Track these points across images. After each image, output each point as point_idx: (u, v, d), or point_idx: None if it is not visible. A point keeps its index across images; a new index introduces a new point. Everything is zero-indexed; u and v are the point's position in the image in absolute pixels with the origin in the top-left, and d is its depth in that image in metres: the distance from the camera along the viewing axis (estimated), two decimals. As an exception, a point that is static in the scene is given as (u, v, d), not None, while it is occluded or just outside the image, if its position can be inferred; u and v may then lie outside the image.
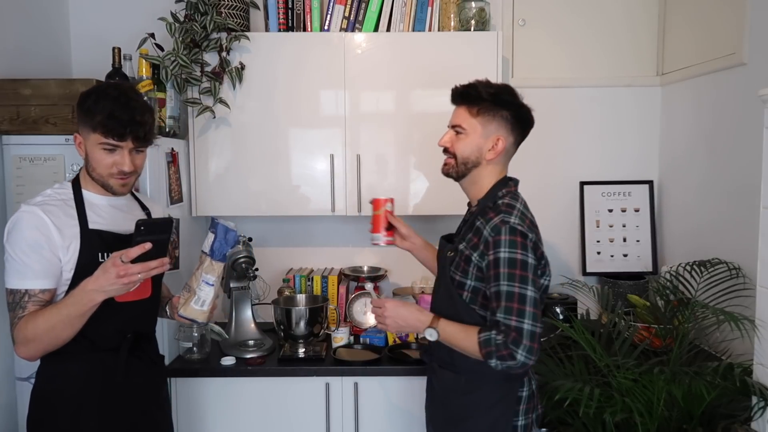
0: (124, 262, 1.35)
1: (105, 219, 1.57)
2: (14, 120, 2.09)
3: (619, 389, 1.74)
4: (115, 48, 2.22)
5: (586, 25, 2.67)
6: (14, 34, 2.23)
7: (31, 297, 1.45)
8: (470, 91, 1.60)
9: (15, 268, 1.46)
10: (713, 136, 2.28)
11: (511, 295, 1.46)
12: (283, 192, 2.42)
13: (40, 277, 1.46)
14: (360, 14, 2.41)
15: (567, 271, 2.70)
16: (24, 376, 2.14)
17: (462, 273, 1.57)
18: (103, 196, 1.59)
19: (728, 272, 2.06)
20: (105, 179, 1.54)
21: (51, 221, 1.47)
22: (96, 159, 1.51)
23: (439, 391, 1.68)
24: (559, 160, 2.72)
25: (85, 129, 1.51)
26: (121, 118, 1.46)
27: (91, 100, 1.48)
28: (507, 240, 1.48)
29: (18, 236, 1.46)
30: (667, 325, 2.07)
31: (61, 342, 1.46)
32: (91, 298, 1.39)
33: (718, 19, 2.24)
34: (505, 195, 1.61)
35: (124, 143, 1.49)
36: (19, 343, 1.46)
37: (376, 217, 1.81)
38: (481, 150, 1.60)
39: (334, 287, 2.54)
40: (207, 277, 1.55)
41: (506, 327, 1.45)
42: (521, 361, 1.43)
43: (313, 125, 2.39)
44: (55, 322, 1.42)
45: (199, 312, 1.58)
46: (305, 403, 2.17)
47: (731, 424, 1.67)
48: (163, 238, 1.40)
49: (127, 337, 1.59)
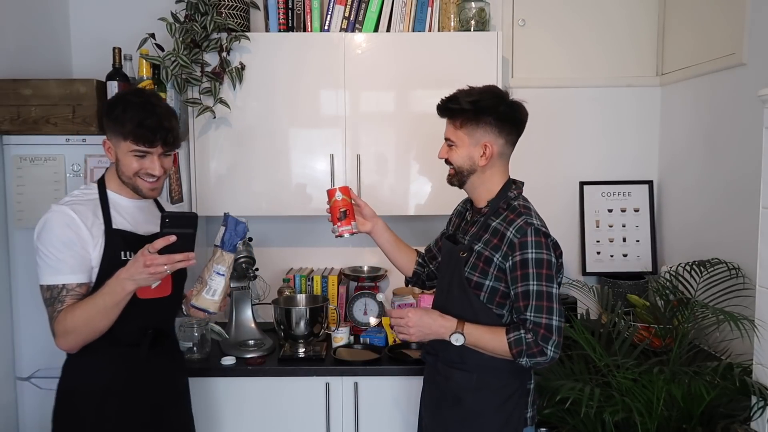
0: (150, 253, 1.42)
1: (128, 220, 1.63)
2: (15, 120, 2.09)
3: (619, 389, 1.74)
4: (115, 48, 2.22)
5: (586, 26, 2.67)
6: (15, 34, 2.23)
7: (69, 291, 1.52)
8: (450, 105, 1.63)
9: (49, 265, 1.52)
10: (713, 136, 2.28)
11: (541, 294, 1.52)
12: (283, 192, 2.42)
13: (76, 272, 1.53)
14: (360, 14, 2.41)
15: (567, 271, 2.70)
16: (24, 376, 2.15)
17: (480, 274, 1.60)
18: (129, 198, 1.65)
19: (728, 272, 2.06)
20: (135, 183, 1.60)
21: (80, 219, 1.54)
22: (126, 164, 1.58)
23: (451, 392, 1.67)
24: (559, 160, 2.72)
25: (114, 137, 1.57)
26: (150, 126, 1.53)
27: (118, 109, 1.55)
28: (533, 241, 1.53)
29: (50, 234, 1.52)
30: (667, 325, 2.08)
31: (98, 333, 1.52)
32: (123, 286, 1.45)
33: (717, 19, 2.24)
34: (517, 197, 1.66)
35: (154, 149, 1.56)
36: (59, 336, 1.53)
37: (330, 209, 1.79)
38: (473, 158, 1.63)
39: (334, 287, 2.54)
40: (218, 267, 1.61)
41: (535, 324, 1.51)
42: (551, 356, 1.51)
43: (313, 125, 2.39)
44: (92, 312, 1.48)
45: (211, 302, 1.62)
46: (305, 403, 2.17)
47: (731, 424, 1.67)
48: (187, 232, 1.46)
49: (148, 332, 1.65)
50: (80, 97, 2.11)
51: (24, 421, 2.16)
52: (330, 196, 1.77)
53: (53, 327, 1.53)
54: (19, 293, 2.12)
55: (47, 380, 2.14)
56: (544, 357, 1.50)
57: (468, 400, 1.63)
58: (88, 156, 2.09)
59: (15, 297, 2.13)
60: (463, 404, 1.64)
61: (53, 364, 2.13)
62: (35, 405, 2.15)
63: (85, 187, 1.66)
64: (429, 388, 1.79)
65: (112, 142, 1.59)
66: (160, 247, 1.41)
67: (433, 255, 1.90)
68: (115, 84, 2.18)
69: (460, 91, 1.65)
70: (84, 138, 2.10)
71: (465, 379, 1.64)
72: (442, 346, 1.66)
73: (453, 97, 1.64)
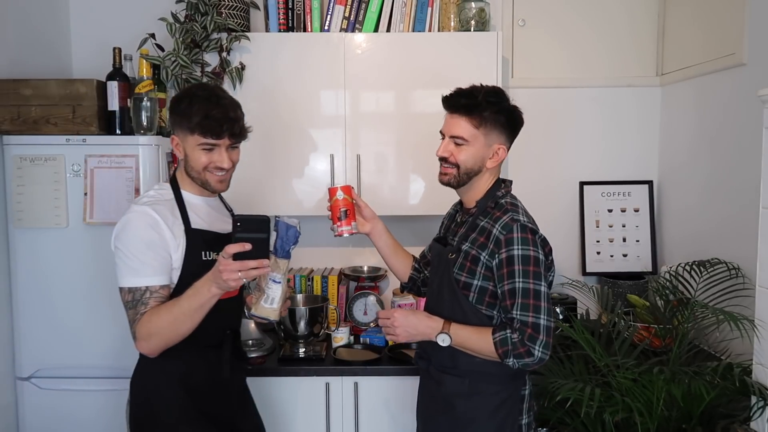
0: (225, 258, 1.37)
1: (203, 219, 1.63)
2: (15, 120, 2.10)
3: (619, 389, 1.74)
4: (115, 48, 2.22)
5: (586, 26, 2.67)
6: (15, 34, 2.23)
7: (152, 293, 1.50)
8: (471, 100, 1.56)
9: (131, 267, 1.50)
10: (713, 137, 2.28)
11: (527, 292, 1.48)
12: (283, 192, 2.42)
13: (158, 274, 1.51)
14: (360, 14, 2.41)
15: (567, 271, 2.70)
16: (24, 376, 2.15)
17: (468, 274, 1.57)
18: (200, 196, 1.65)
19: (728, 272, 2.06)
20: (203, 177, 1.59)
21: (162, 220, 1.53)
22: (195, 158, 1.57)
23: (443, 397, 1.64)
24: (559, 160, 2.72)
25: (182, 131, 1.57)
26: (216, 118, 1.52)
27: (184, 103, 1.54)
28: (519, 237, 1.50)
29: (132, 235, 1.50)
30: (667, 325, 2.08)
31: (180, 336, 1.49)
32: (208, 288, 1.42)
33: (718, 19, 2.24)
34: (505, 195, 1.63)
35: (221, 141, 1.55)
36: (140, 339, 1.50)
37: (330, 208, 1.76)
38: (484, 159, 1.60)
39: (334, 287, 2.54)
40: (273, 275, 1.55)
41: (522, 324, 1.47)
42: (539, 357, 1.46)
43: (313, 125, 2.39)
44: (176, 314, 1.46)
45: (270, 310, 1.56)
46: (305, 403, 2.17)
47: (730, 424, 1.67)
48: (260, 237, 1.40)
49: (227, 333, 1.65)
50: (80, 97, 2.11)
51: (24, 421, 2.16)
52: (331, 194, 1.74)
53: (135, 330, 1.50)
54: (19, 293, 2.12)
55: (47, 380, 2.14)
56: (532, 358, 1.46)
57: (460, 406, 1.60)
58: (88, 156, 2.09)
59: (15, 297, 2.13)
60: (455, 410, 1.60)
61: (53, 364, 2.15)
62: (35, 405, 2.15)
63: (158, 187, 1.64)
64: (422, 393, 1.76)
65: (179, 137, 1.58)
66: (232, 252, 1.36)
67: (428, 261, 1.85)
68: (115, 84, 2.18)
69: (477, 88, 1.59)
70: (84, 138, 2.10)
71: (457, 384, 1.60)
72: (434, 351, 1.63)
73: (472, 93, 1.57)
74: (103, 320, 2.11)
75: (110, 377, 2.12)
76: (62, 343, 2.13)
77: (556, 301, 2.51)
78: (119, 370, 2.11)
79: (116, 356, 2.11)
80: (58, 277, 2.11)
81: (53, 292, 2.11)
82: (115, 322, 2.10)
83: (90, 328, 2.11)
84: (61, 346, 2.13)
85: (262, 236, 1.41)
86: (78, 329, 2.12)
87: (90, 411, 2.14)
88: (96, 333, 2.12)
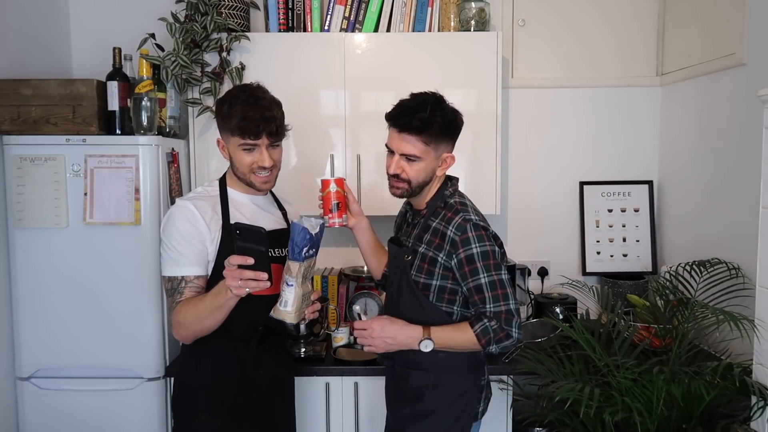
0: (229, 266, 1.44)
1: (246, 215, 1.69)
2: (15, 120, 2.09)
3: (619, 389, 1.74)
4: (115, 48, 2.22)
5: (586, 26, 2.67)
6: (15, 34, 2.23)
7: (188, 283, 1.59)
8: (423, 121, 1.57)
9: (171, 257, 1.60)
10: (713, 136, 2.28)
11: (494, 284, 1.58)
12: (283, 192, 2.40)
13: (194, 264, 1.60)
14: (360, 14, 2.41)
15: (567, 271, 2.70)
16: (24, 376, 2.15)
17: (426, 275, 1.63)
18: (246, 194, 1.73)
19: (728, 272, 2.06)
20: (248, 177, 1.66)
21: (200, 214, 1.61)
22: (238, 159, 1.65)
23: (409, 391, 1.71)
24: (559, 160, 2.72)
25: (225, 133, 1.65)
26: (253, 119, 1.59)
27: (225, 106, 1.62)
28: (474, 236, 1.57)
29: (172, 228, 1.60)
30: (667, 324, 2.08)
31: (206, 330, 1.58)
32: (226, 290, 1.47)
33: (718, 19, 2.24)
34: (452, 194, 1.69)
35: (260, 141, 1.62)
36: (174, 326, 1.61)
37: (323, 198, 1.78)
38: (434, 170, 1.67)
39: (334, 287, 2.54)
40: (286, 278, 1.55)
41: (497, 313, 1.58)
42: (515, 338, 1.58)
43: (313, 125, 2.39)
44: (200, 309, 1.54)
45: (285, 313, 1.55)
46: (305, 403, 2.17)
47: (730, 424, 1.67)
48: (258, 249, 1.41)
49: (258, 329, 1.70)
50: (80, 97, 2.11)
51: (24, 421, 2.16)
52: (324, 186, 1.77)
53: (171, 317, 1.60)
54: (19, 293, 2.12)
55: (47, 380, 2.14)
56: (511, 339, 1.57)
57: (426, 396, 1.68)
58: (88, 156, 2.08)
59: (15, 297, 2.13)
60: (422, 401, 1.68)
61: (53, 364, 2.14)
62: (35, 405, 2.15)
63: (208, 184, 1.73)
64: (388, 389, 1.83)
65: (224, 139, 1.67)
66: (236, 263, 1.41)
67: None
68: (115, 84, 2.18)
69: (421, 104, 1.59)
70: (84, 138, 2.10)
71: (423, 377, 1.68)
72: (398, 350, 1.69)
73: (418, 111, 1.58)
74: (104, 320, 2.11)
75: (110, 377, 2.12)
76: (62, 343, 2.13)
77: (556, 301, 2.51)
78: (120, 370, 2.12)
79: (116, 356, 2.11)
80: (58, 277, 2.11)
81: (53, 292, 2.11)
82: (116, 322, 2.11)
83: (90, 328, 2.11)
84: (61, 346, 2.13)
85: (260, 249, 1.42)
86: (78, 329, 2.12)
87: (90, 411, 2.13)
88: (96, 333, 2.12)
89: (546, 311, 2.45)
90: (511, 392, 2.16)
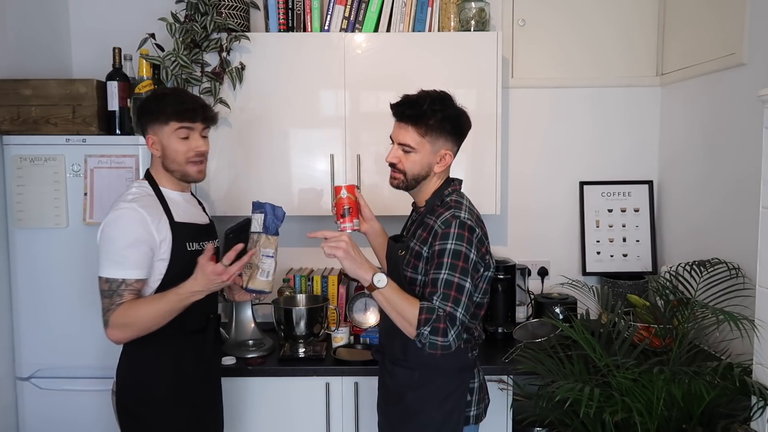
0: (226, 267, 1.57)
1: (183, 212, 1.74)
2: (15, 120, 2.10)
3: (619, 389, 1.74)
4: (115, 48, 2.22)
5: (586, 26, 2.67)
6: (15, 34, 2.23)
7: (127, 286, 1.60)
8: (416, 110, 1.61)
9: (113, 259, 1.60)
10: (713, 136, 2.28)
11: (450, 284, 1.53)
12: (283, 192, 2.42)
13: (138, 268, 1.61)
14: (360, 14, 2.41)
15: (567, 271, 2.70)
16: (24, 376, 2.15)
17: (413, 269, 1.64)
18: (177, 191, 1.75)
19: (728, 272, 2.06)
20: (183, 167, 1.69)
21: (150, 218, 1.62)
22: (173, 149, 1.67)
23: (394, 389, 1.72)
24: (559, 160, 2.72)
25: (157, 125, 1.67)
26: (189, 102, 1.67)
27: (153, 103, 1.67)
28: (456, 233, 1.55)
29: (122, 230, 1.60)
30: (667, 324, 2.08)
31: (151, 330, 1.61)
32: (196, 297, 1.59)
33: (717, 19, 2.24)
34: (451, 193, 1.69)
35: (196, 124, 1.68)
36: (113, 327, 1.60)
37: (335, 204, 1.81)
38: (431, 165, 1.66)
39: (334, 287, 2.54)
40: (266, 251, 1.70)
41: (442, 309, 1.51)
42: (450, 342, 1.50)
43: (313, 125, 2.39)
44: (157, 313, 1.59)
45: (266, 282, 1.72)
46: (305, 403, 2.17)
47: (731, 424, 1.67)
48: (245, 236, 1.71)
49: (211, 317, 1.77)
50: (80, 97, 2.11)
51: (24, 421, 2.16)
52: (336, 192, 1.82)
53: (108, 318, 1.59)
54: (19, 293, 2.13)
55: (47, 380, 2.15)
56: (445, 339, 1.49)
57: (409, 397, 1.67)
58: (88, 156, 2.09)
59: (15, 297, 2.13)
60: (404, 402, 1.68)
61: (53, 364, 2.15)
62: (35, 405, 2.15)
63: (138, 185, 1.72)
64: (379, 386, 1.84)
65: (155, 133, 1.67)
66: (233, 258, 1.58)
67: None
68: (115, 84, 2.18)
69: (422, 98, 1.63)
70: (84, 138, 2.10)
71: (407, 376, 1.68)
72: (389, 344, 1.73)
73: (417, 103, 1.62)
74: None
75: (111, 377, 2.10)
76: (62, 343, 2.13)
77: (556, 301, 2.51)
78: (119, 370, 2.12)
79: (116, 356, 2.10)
80: (58, 277, 2.11)
81: (53, 292, 2.11)
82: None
83: (90, 328, 2.11)
84: (61, 346, 2.13)
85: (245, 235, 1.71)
86: (78, 329, 2.12)
87: (90, 411, 2.14)
88: (96, 333, 2.10)
89: (546, 311, 2.45)
90: (511, 392, 2.16)
